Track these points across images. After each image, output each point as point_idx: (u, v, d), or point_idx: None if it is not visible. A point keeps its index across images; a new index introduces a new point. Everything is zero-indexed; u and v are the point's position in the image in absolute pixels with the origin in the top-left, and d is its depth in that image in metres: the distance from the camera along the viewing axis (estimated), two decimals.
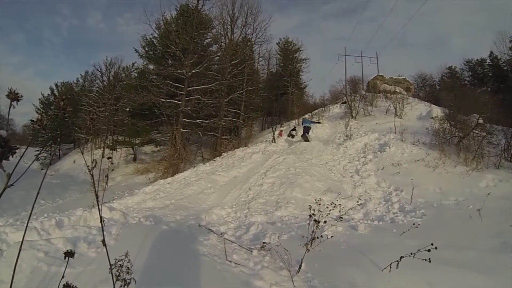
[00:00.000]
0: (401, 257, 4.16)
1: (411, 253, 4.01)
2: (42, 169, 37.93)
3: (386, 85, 27.95)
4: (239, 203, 10.77)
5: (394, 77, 29.13)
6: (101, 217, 1.34)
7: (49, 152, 41.43)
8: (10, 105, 1.06)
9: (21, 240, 5.35)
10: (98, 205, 1.22)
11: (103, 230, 1.42)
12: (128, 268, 2.38)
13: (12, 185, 1.00)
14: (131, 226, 7.20)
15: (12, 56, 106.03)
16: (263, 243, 6.10)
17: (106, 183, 14.11)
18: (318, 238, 5.25)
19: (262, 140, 18.32)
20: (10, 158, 0.99)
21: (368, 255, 5.36)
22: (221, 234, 7.09)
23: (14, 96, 1.04)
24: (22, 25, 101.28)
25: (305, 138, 17.83)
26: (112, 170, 26.84)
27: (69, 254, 1.46)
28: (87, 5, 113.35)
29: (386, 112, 20.29)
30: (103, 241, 1.36)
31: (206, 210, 10.26)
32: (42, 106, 44.84)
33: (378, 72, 30.14)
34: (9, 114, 1.10)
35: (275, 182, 11.85)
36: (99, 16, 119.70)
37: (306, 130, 18.18)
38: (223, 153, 18.85)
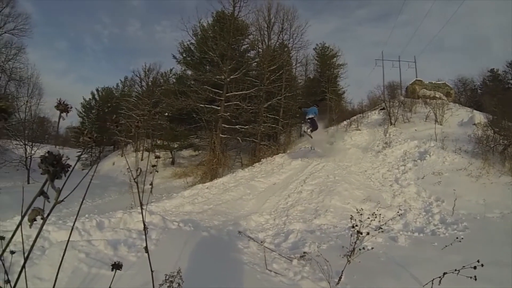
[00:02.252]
0: (444, 273, 3.97)
1: (455, 270, 3.83)
2: (83, 169, 39.24)
3: (425, 90, 27.22)
4: (277, 210, 10.81)
5: (433, 82, 28.27)
6: (144, 225, 1.36)
7: (90, 153, 42.78)
8: (60, 116, 1.08)
9: (63, 239, 5.70)
10: (142, 213, 1.27)
11: (146, 238, 1.50)
12: (179, 285, 2.45)
13: (62, 201, 1.01)
14: (171, 231, 7.27)
15: (56, 62, 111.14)
16: (304, 253, 6.10)
17: (151, 191, 14.49)
18: (360, 250, 5.21)
19: (300, 147, 18.26)
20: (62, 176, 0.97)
21: (408, 269, 5.31)
22: (261, 242, 7.13)
23: (63, 108, 1.05)
24: (65, 34, 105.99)
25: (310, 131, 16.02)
26: (150, 172, 27.31)
27: (116, 266, 1.48)
28: (126, 14, 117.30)
29: (426, 119, 19.88)
30: (146, 248, 1.38)
31: (244, 216, 10.35)
32: (84, 110, 46.62)
33: (416, 77, 29.44)
34: (58, 125, 1.04)
35: (314, 190, 11.83)
36: (138, 24, 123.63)
37: (312, 124, 16.00)
38: (262, 159, 19.00)
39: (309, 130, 15.64)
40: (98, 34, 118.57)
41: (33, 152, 23.14)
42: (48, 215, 0.84)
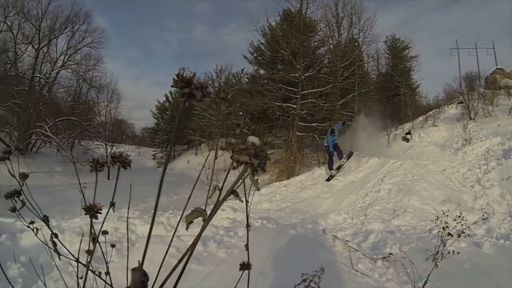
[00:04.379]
0: None
1: None
2: (158, 167, 41.16)
3: (507, 80, 25.34)
4: (355, 209, 10.89)
5: None
6: (248, 223, 1.33)
7: (165, 152, 44.68)
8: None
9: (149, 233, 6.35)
10: (246, 210, 1.22)
11: (248, 235, 1.39)
12: (316, 284, 2.79)
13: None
14: (256, 228, 7.66)
15: (129, 69, 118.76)
16: (389, 254, 6.00)
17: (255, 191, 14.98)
18: (448, 253, 4.95)
19: (376, 145, 18.00)
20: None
21: (495, 279, 5.17)
22: (346, 241, 7.20)
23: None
24: (136, 43, 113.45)
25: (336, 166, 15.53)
26: (224, 170, 28.00)
27: (245, 266, 1.41)
28: (191, 19, 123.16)
29: (510, 112, 18.69)
30: (247, 246, 1.37)
31: (322, 215, 10.50)
32: (158, 111, 49.08)
33: (496, 65, 27.48)
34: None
35: (392, 189, 11.73)
36: (204, 28, 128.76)
37: (336, 149, 15.72)
38: None
39: (337, 165, 15.50)
40: (167, 41, 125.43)
41: (112, 151, 25.05)
42: (211, 216, 0.85)
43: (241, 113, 26.07)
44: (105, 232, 1.99)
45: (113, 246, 2.35)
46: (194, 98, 0.74)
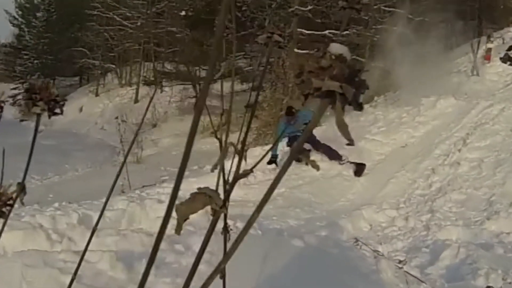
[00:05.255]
0: None
1: None
2: (21, 120, 40.45)
3: None
4: (411, 200, 10.87)
5: None
6: (226, 225, 1.43)
7: None
8: None
9: (19, 247, 6.08)
10: (225, 200, 1.13)
11: (225, 250, 1.29)
12: None
13: None
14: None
15: None
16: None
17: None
18: None
19: (450, 70, 17.78)
20: None
21: None
22: (399, 263, 7.30)
23: None
24: None
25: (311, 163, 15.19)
26: (154, 125, 27.94)
27: None
28: None
29: None
30: (222, 272, 1.26)
31: (346, 211, 10.53)
32: (22, 13, 48.05)
33: None
34: None
35: (484, 160, 11.63)
36: None
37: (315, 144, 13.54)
38: (375, 96, 19.13)
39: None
40: None
41: None
42: None
43: (183, 11, 25.69)
44: None
45: None
46: None
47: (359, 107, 0.69)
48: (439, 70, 17.62)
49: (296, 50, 21.39)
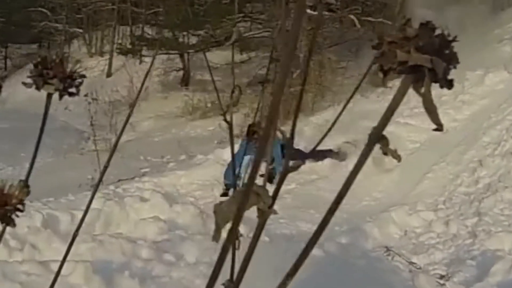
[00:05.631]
0: None
1: None
2: None
3: None
4: (452, 199, 10.88)
5: None
6: (236, 231, 1.15)
7: None
8: None
9: None
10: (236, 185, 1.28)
11: (234, 266, 1.28)
12: None
13: None
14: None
15: None
16: None
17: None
18: None
19: (501, 37, 17.64)
20: None
21: None
22: (441, 278, 7.29)
23: None
24: None
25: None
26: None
27: None
28: None
29: None
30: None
31: (372, 213, 10.73)
32: None
33: None
34: None
35: None
36: None
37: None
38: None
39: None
40: None
41: None
42: None
43: None
44: None
45: None
46: None
47: (449, 84, 0.71)
48: (487, 36, 17.46)
49: (308, 11, 21.38)
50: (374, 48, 0.71)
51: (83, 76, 1.12)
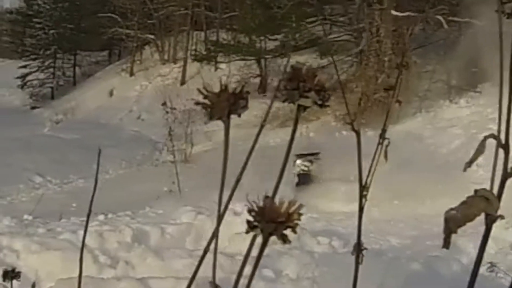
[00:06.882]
0: None
1: None
2: (33, 107, 40.74)
3: None
4: None
5: None
6: (359, 243, 1.73)
7: (51, 71, 44.04)
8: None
9: (49, 270, 5.94)
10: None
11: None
12: None
13: None
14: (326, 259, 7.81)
15: None
16: None
17: None
18: None
19: None
20: None
21: None
22: None
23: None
24: None
25: None
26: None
27: None
28: None
29: None
30: None
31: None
32: None
33: None
34: None
35: None
36: None
37: None
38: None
39: None
40: None
41: None
42: None
43: None
44: None
45: None
46: None
47: None
48: None
49: (393, 12, 21.28)
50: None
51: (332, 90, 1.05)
